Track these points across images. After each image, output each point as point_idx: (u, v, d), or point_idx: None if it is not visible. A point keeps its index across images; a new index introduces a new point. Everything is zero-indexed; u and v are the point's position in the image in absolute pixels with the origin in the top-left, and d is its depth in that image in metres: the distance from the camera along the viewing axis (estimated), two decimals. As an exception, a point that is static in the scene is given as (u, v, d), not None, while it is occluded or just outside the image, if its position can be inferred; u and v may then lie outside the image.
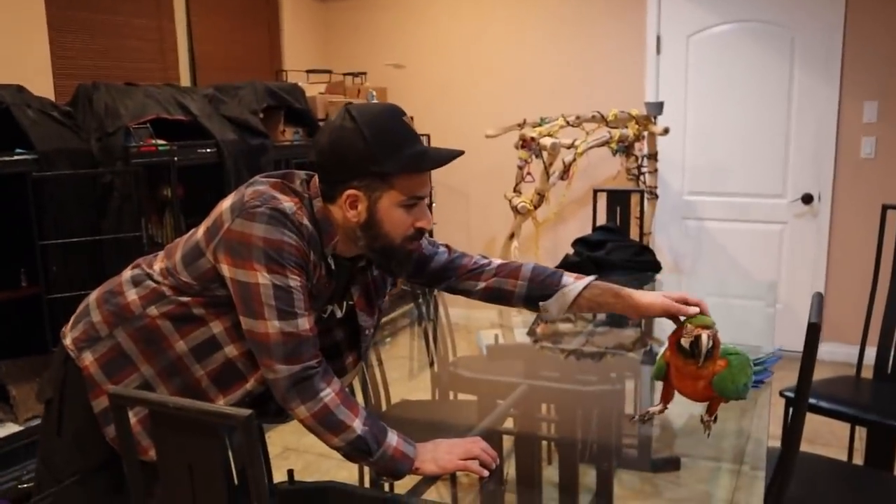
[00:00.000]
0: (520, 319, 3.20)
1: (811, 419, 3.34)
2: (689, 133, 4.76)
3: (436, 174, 5.48)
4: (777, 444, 2.89)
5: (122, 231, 2.97)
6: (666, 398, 1.69)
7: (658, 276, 3.56)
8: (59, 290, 2.86)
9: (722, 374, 1.52)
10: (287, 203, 1.39)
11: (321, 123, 4.62)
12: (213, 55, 4.71)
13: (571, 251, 3.56)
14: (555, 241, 4.94)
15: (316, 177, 1.47)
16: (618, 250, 3.42)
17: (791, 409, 2.78)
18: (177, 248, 1.48)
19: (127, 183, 2.97)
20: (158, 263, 1.49)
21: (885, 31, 4.26)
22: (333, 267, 1.48)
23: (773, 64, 4.52)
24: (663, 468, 2.98)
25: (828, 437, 3.60)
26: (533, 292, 1.67)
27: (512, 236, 4.35)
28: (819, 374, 4.22)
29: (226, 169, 3.41)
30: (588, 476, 2.02)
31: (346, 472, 2.34)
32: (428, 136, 5.32)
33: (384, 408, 2.63)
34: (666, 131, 4.39)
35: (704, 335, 1.47)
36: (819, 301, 1.60)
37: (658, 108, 4.41)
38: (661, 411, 1.72)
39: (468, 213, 5.40)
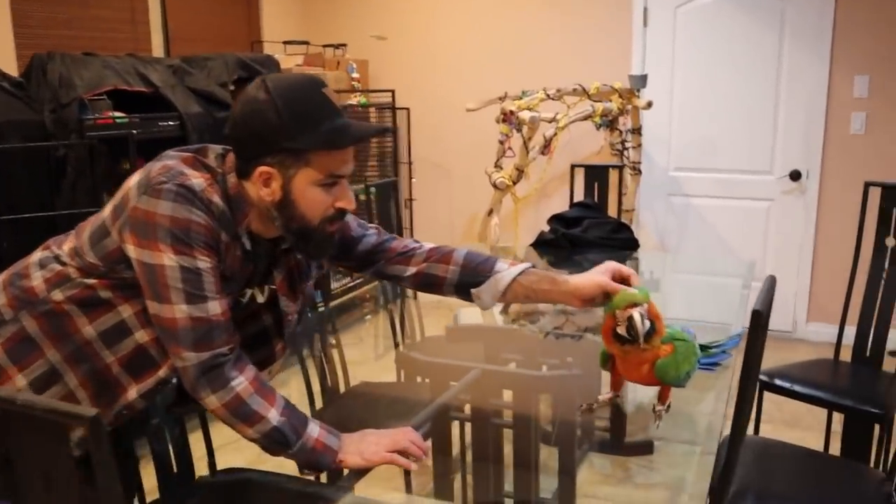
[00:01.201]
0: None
1: (792, 404, 3.25)
2: (676, 107, 4.64)
3: (417, 149, 5.42)
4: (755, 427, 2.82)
5: (77, 207, 2.87)
6: (615, 386, 1.61)
7: (638, 254, 3.47)
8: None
9: (666, 359, 1.44)
10: (196, 179, 1.30)
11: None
12: (188, 26, 4.58)
13: (547, 228, 3.47)
14: (536, 217, 4.84)
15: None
16: (594, 227, 3.33)
17: (763, 392, 2.71)
18: (86, 226, 1.38)
19: (81, 157, 2.87)
20: (68, 243, 1.40)
21: (877, 4, 4.13)
22: (250, 248, 1.39)
23: (762, 36, 4.39)
24: (636, 451, 2.91)
25: (809, 422, 3.51)
26: (465, 279, 1.58)
27: (491, 212, 4.25)
28: (804, 354, 4.15)
29: (189, 143, 3.30)
30: (554, 459, 1.94)
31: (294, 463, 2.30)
32: (408, 109, 5.21)
33: (342, 390, 2.56)
34: (649, 105, 4.27)
35: (636, 314, 1.38)
36: (770, 285, 1.51)
37: (642, 80, 4.29)
38: (612, 399, 1.64)
39: (450, 189, 5.30)
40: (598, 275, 1.48)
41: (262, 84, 1.30)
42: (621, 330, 1.40)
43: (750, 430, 2.84)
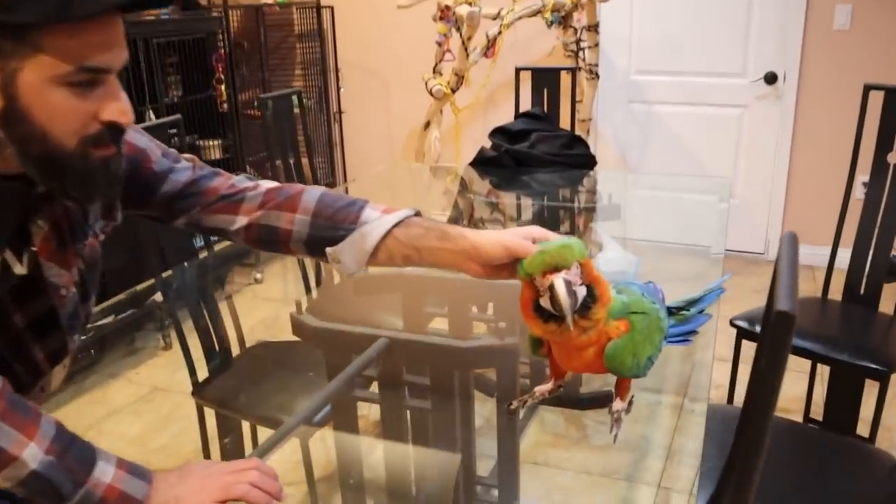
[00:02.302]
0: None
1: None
2: (637, 1, 4.07)
3: (345, 54, 4.80)
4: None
5: None
6: (556, 374, 1.13)
7: (595, 173, 2.98)
8: None
9: (618, 342, 0.97)
10: None
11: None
12: None
13: (489, 144, 2.95)
14: (482, 131, 4.25)
15: None
16: (543, 142, 2.83)
17: (741, 340, 2.26)
18: None
19: None
20: None
21: None
22: None
23: (736, -84, 3.82)
24: (593, 405, 2.50)
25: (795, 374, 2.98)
26: (318, 232, 1.07)
27: (428, 125, 3.70)
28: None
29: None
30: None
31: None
32: (331, 8, 4.58)
33: (236, 352, 2.08)
34: (608, -3, 3.70)
35: (559, 281, 0.90)
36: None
37: (600, -31, 3.71)
38: (553, 392, 1.16)
39: (387, 99, 4.70)
40: (509, 235, 0.99)
41: None
42: (545, 302, 0.92)
43: (721, 395, 2.44)
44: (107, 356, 3.18)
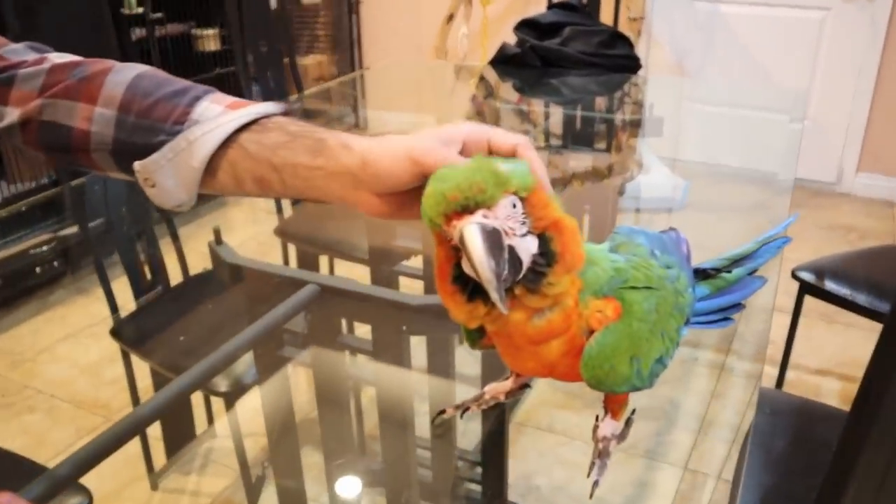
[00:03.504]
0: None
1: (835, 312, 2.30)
2: None
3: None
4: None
5: None
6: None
7: (639, 79, 2.48)
8: None
9: (602, 338, 0.56)
10: None
11: None
12: None
13: (514, 40, 2.47)
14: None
15: None
16: (578, 38, 2.33)
17: (803, 296, 1.80)
18: None
19: None
20: None
21: None
22: None
23: None
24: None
25: (852, 340, 2.47)
26: (128, 136, 0.64)
27: (451, 18, 3.19)
28: (849, 216, 3.18)
29: None
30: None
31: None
32: None
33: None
34: None
35: (471, 229, 0.49)
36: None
37: None
38: (514, 392, 0.75)
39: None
40: (426, 140, 0.56)
41: None
42: (467, 267, 0.51)
43: (774, 354, 1.97)
44: (82, 269, 2.87)
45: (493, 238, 0.48)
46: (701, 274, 0.71)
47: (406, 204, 0.58)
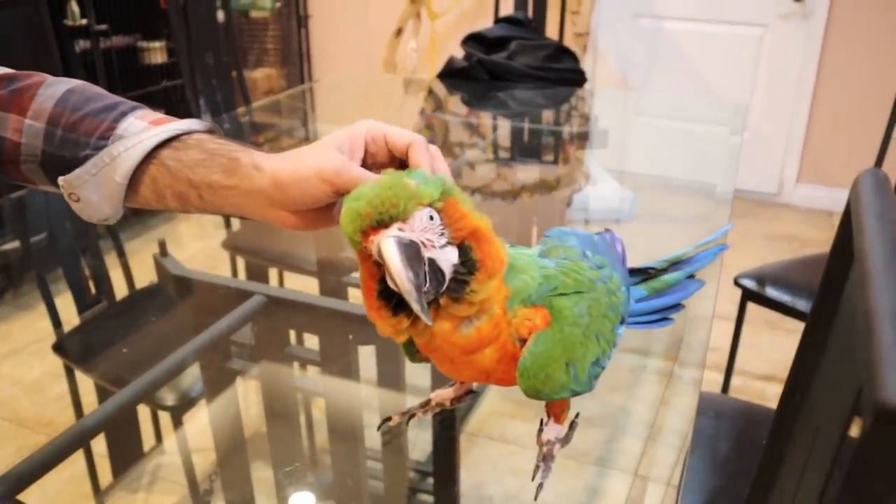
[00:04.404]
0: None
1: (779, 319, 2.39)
2: None
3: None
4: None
5: None
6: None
7: (585, 92, 2.52)
8: None
9: (533, 348, 0.57)
10: None
11: None
12: None
13: (462, 54, 2.49)
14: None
15: None
16: (524, 52, 2.36)
17: (746, 303, 1.85)
18: None
19: None
20: None
21: None
22: None
23: None
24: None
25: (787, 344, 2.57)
26: (56, 149, 0.65)
27: (399, 32, 3.21)
28: (790, 225, 3.26)
29: None
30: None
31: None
32: None
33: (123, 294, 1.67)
34: None
35: (387, 243, 0.51)
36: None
37: None
38: (459, 400, 0.76)
39: (362, 2, 4.18)
40: (328, 149, 0.59)
41: None
42: (391, 282, 0.52)
43: (718, 360, 2.03)
44: (23, 285, 2.79)
45: (411, 250, 0.50)
46: (640, 275, 0.73)
47: (322, 217, 0.61)
